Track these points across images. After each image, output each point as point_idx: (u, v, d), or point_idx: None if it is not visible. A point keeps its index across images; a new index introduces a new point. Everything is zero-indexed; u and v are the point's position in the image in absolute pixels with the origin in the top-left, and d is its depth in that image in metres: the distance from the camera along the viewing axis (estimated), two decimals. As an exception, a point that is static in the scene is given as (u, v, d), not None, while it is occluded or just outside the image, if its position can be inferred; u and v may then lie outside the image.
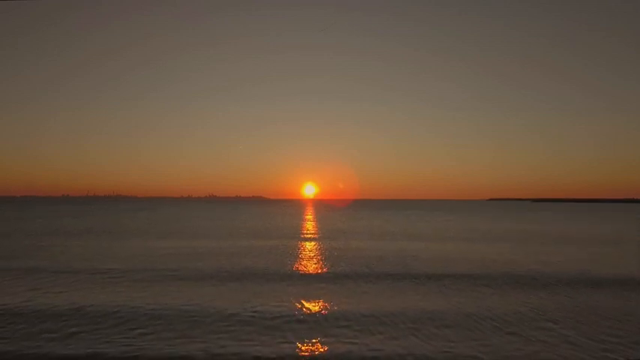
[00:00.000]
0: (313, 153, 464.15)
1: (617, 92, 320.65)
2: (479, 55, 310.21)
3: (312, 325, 11.95)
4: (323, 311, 13.39)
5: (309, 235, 39.49)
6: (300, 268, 21.51)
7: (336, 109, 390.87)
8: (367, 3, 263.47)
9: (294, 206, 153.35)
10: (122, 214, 78.03)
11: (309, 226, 53.11)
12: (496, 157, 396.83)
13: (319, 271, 20.65)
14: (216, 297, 14.97)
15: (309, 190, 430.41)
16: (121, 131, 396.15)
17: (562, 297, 15.45)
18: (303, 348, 10.19)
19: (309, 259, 24.68)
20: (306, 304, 14.13)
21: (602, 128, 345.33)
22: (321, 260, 24.01)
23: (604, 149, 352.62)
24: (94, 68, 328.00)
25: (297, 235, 39.01)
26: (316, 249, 29.19)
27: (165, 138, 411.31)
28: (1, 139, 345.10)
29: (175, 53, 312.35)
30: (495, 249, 29.47)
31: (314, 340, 10.71)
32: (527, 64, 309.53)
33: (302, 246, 30.81)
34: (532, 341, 10.72)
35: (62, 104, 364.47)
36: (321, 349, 10.13)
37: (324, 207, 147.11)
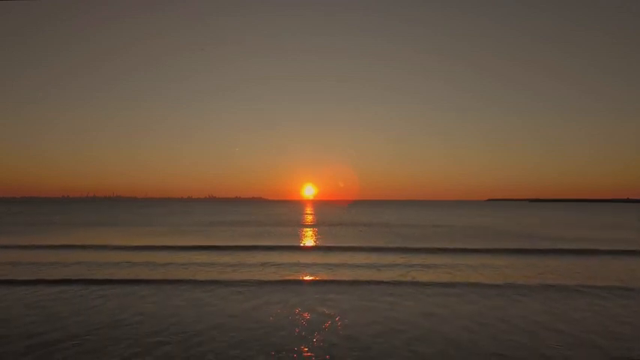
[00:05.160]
0: (313, 154, 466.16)
1: (615, 93, 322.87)
2: (477, 56, 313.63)
3: (305, 268, 17.00)
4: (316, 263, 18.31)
5: (312, 223, 44.51)
6: (306, 242, 27.15)
7: (335, 109, 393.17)
8: (367, 4, 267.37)
9: (295, 206, 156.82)
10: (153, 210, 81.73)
11: (312, 218, 57.39)
12: (494, 157, 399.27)
13: (320, 244, 25.75)
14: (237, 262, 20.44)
15: (309, 190, 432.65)
16: (121, 132, 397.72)
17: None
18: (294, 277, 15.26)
19: (313, 238, 29.97)
20: (304, 259, 19.53)
21: (600, 128, 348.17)
22: (320, 239, 29.15)
23: (601, 149, 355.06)
24: (95, 68, 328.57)
25: (301, 223, 44.30)
26: (316, 233, 34.24)
27: (165, 139, 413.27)
28: (1, 140, 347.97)
29: (176, 53, 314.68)
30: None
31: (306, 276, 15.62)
32: (526, 64, 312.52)
33: (307, 230, 36.28)
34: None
35: (62, 104, 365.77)
36: (307, 278, 15.16)
37: (324, 206, 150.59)
